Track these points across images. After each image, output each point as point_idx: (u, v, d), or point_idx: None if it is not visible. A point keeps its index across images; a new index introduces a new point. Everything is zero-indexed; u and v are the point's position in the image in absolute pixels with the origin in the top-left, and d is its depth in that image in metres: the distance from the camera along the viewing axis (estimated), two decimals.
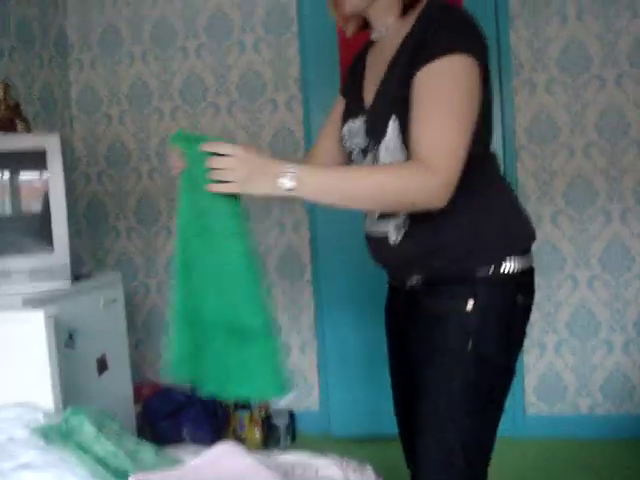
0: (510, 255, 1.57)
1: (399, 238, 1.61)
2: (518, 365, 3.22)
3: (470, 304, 1.56)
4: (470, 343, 1.57)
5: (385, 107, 1.57)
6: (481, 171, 1.57)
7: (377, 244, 1.68)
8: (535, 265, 1.64)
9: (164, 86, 3.68)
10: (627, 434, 3.36)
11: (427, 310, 1.64)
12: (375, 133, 1.60)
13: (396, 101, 1.54)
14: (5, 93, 2.70)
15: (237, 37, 3.60)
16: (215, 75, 3.63)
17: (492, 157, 1.67)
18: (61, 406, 2.14)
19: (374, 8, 1.63)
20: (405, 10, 1.60)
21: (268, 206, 3.61)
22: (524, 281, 1.62)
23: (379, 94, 1.60)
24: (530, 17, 3.36)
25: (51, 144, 2.50)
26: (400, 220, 1.60)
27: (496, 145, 3.35)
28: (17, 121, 2.69)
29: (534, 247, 1.65)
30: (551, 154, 3.38)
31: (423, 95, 1.47)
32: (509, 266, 1.57)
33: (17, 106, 2.73)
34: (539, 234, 1.66)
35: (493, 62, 3.34)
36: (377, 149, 1.60)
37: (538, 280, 1.67)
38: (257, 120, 3.60)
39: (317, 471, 1.83)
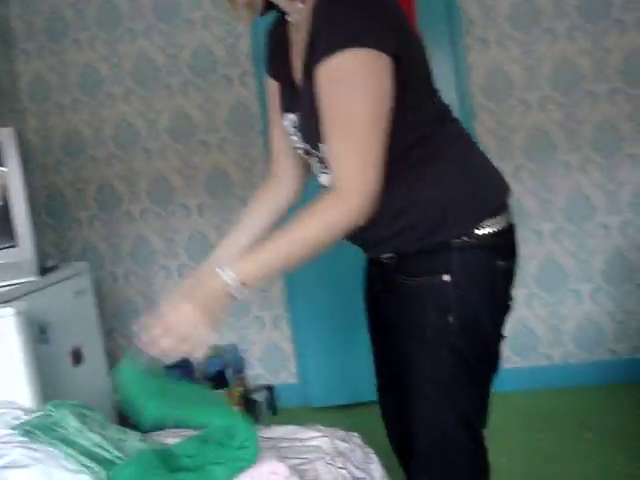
0: (483, 219, 1.49)
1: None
2: None
3: (446, 276, 1.49)
4: (451, 317, 1.50)
5: (311, 111, 1.44)
6: (432, 140, 1.49)
7: None
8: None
9: (115, 70, 3.62)
10: (599, 380, 3.41)
11: (403, 285, 1.56)
12: (310, 138, 1.50)
13: (317, 105, 1.43)
14: None
15: (185, 16, 3.55)
16: (166, 55, 3.57)
17: (443, 120, 1.56)
18: (41, 402, 2.12)
19: None
20: None
21: (229, 184, 3.59)
22: (502, 242, 1.53)
23: (302, 96, 1.49)
24: None
25: (5, 138, 2.47)
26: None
27: (453, 104, 3.35)
28: None
29: None
30: (508, 110, 3.39)
31: (324, 106, 1.38)
32: (483, 230, 1.48)
33: None
34: None
35: (442, 22, 3.37)
36: (320, 152, 1.50)
37: None
38: (211, 98, 3.56)
39: (305, 443, 1.82)
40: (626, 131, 3.33)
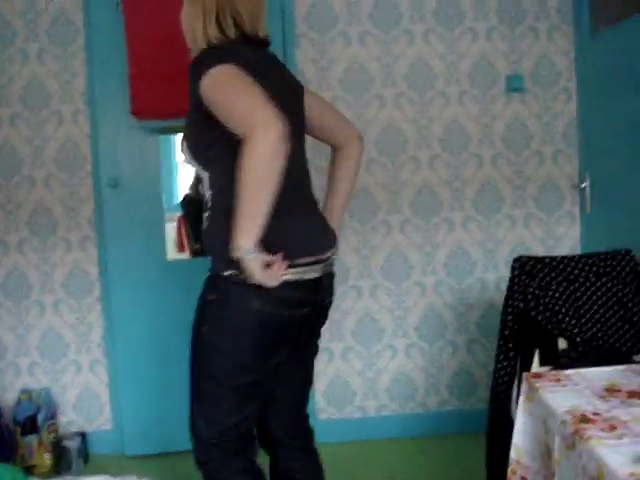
0: None
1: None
2: None
3: (212, 296, 1.87)
4: (204, 329, 1.89)
5: (187, 132, 1.95)
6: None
7: None
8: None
9: None
10: (410, 433, 3.58)
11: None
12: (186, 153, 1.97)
13: (186, 127, 1.95)
14: None
15: (20, 46, 3.46)
16: None
17: None
18: None
19: None
20: None
21: (53, 222, 3.50)
22: (269, 291, 1.79)
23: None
24: (315, 37, 3.49)
25: None
26: (205, 223, 1.94)
27: None
28: None
29: None
30: None
31: (216, 103, 1.77)
32: None
33: None
34: None
35: None
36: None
37: None
38: (42, 133, 3.47)
39: None
40: (442, 196, 3.55)
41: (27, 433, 3.38)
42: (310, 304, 1.93)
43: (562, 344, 2.50)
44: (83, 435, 3.49)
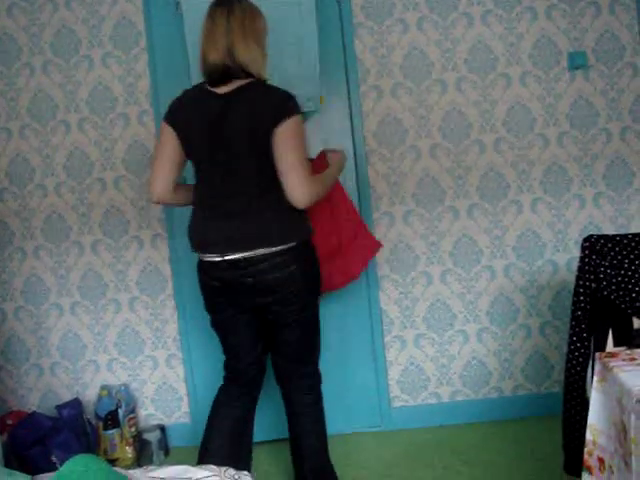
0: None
1: None
2: (380, 360, 3.37)
3: None
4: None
5: None
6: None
7: None
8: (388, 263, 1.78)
9: (11, 104, 3.57)
10: (485, 417, 3.57)
11: None
12: None
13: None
14: None
15: (85, 53, 3.55)
16: (64, 91, 3.56)
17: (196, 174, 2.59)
18: None
19: None
20: None
21: (124, 223, 3.59)
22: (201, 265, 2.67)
23: None
24: (373, 25, 3.49)
25: None
26: None
27: (347, 149, 3.46)
28: None
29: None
30: (399, 156, 3.52)
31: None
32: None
33: None
34: (392, 233, 1.78)
35: (341, 70, 3.47)
36: None
37: (396, 277, 3.31)
38: (109, 135, 3.56)
39: None
40: (509, 178, 3.52)
41: (109, 428, 3.48)
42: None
43: (637, 323, 2.45)
44: (162, 428, 3.57)
